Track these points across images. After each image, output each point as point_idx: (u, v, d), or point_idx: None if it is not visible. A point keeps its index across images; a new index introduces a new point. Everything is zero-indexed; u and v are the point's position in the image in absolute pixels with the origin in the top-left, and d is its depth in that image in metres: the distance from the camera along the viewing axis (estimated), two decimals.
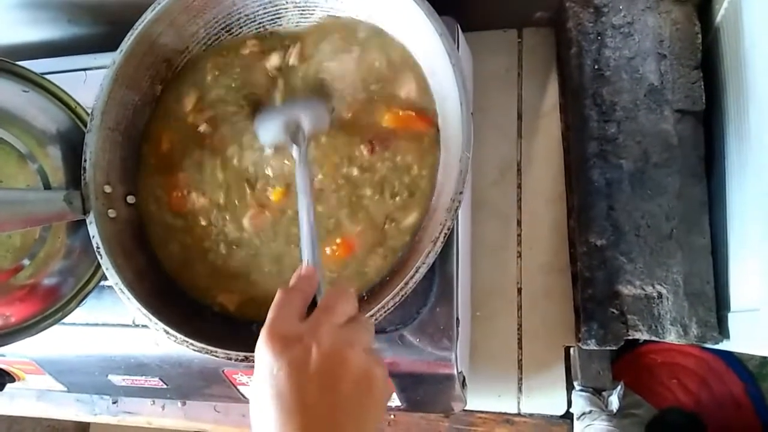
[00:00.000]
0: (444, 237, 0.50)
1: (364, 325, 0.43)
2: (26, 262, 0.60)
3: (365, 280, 0.57)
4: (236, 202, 0.61)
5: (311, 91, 0.61)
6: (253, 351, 0.53)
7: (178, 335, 0.54)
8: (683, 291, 0.60)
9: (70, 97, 0.65)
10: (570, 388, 0.70)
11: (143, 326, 0.65)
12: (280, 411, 0.38)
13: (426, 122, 0.59)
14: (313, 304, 0.45)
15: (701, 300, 0.60)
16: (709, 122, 0.63)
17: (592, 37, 0.67)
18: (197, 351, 0.54)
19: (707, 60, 0.63)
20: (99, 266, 0.60)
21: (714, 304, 0.60)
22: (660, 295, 0.61)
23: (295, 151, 0.56)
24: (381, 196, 0.58)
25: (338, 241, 0.58)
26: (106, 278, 0.58)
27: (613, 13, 0.67)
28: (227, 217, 0.61)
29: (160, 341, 0.65)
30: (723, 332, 0.59)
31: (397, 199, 0.58)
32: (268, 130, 0.60)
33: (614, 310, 0.62)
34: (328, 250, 0.58)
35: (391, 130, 0.59)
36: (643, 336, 0.61)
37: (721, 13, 0.62)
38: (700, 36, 0.63)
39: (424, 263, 0.50)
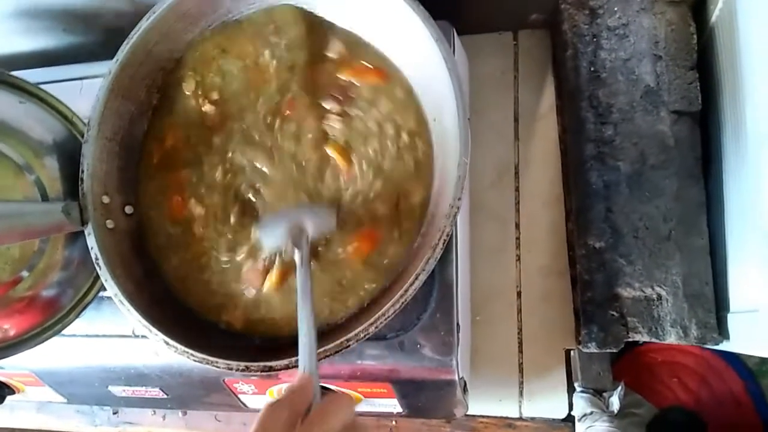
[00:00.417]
0: (443, 243, 0.50)
1: None
2: (25, 273, 0.60)
3: (391, 273, 0.57)
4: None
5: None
6: (253, 360, 0.53)
7: (179, 346, 0.54)
8: (682, 292, 0.60)
9: (67, 107, 0.65)
10: (571, 391, 0.70)
11: (143, 337, 0.64)
12: None
13: (383, 75, 0.60)
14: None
15: (700, 301, 0.60)
16: (705, 123, 0.63)
17: (587, 39, 0.67)
18: (198, 361, 0.53)
19: (703, 60, 0.63)
20: (98, 277, 0.60)
21: (713, 305, 0.60)
22: (659, 297, 0.61)
23: (297, 255, 0.54)
24: (388, 153, 0.59)
25: (364, 231, 0.58)
26: (105, 289, 0.58)
27: (608, 15, 0.67)
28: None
29: (160, 351, 0.65)
30: (723, 333, 0.59)
31: (405, 158, 0.58)
32: (271, 235, 0.57)
33: (614, 313, 0.62)
34: (350, 249, 0.58)
35: (348, 82, 0.60)
36: (643, 338, 0.61)
37: (716, 14, 0.62)
38: (695, 37, 0.64)
39: (423, 270, 0.50)
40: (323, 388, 0.63)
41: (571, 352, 0.70)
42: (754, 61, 0.53)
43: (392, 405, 0.64)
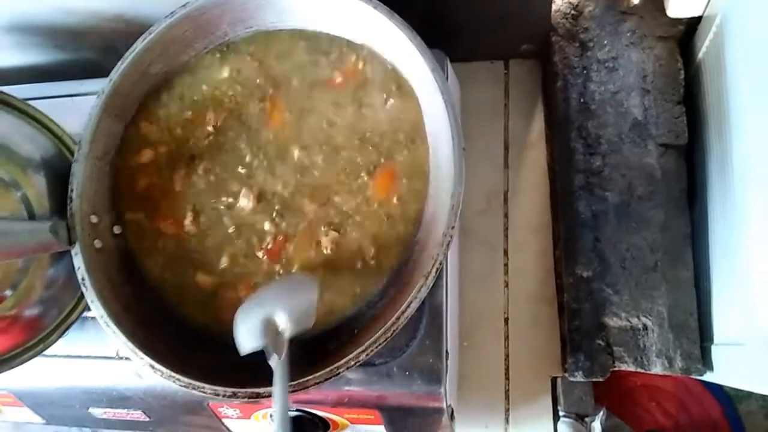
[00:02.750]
0: (436, 272, 0.50)
1: None
2: (8, 293, 0.59)
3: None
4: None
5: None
6: (242, 383, 0.52)
7: (165, 370, 0.53)
8: (668, 323, 0.61)
9: (56, 124, 0.64)
10: (556, 418, 0.70)
11: (126, 358, 0.63)
12: None
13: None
14: None
15: (685, 332, 0.61)
16: (691, 156, 0.65)
17: (577, 71, 0.68)
18: (184, 386, 0.53)
19: (689, 95, 0.65)
20: (82, 297, 0.59)
21: (698, 336, 0.60)
22: (645, 327, 0.62)
23: (273, 362, 0.49)
24: None
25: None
26: (89, 309, 0.57)
27: (597, 48, 0.68)
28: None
29: (144, 374, 0.64)
30: (707, 364, 0.60)
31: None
32: (247, 334, 0.50)
33: (601, 342, 0.62)
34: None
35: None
36: (629, 367, 0.62)
37: (702, 50, 0.63)
38: (682, 72, 0.65)
39: (416, 298, 0.50)
40: (309, 413, 0.63)
41: (557, 380, 0.70)
42: (741, 97, 0.55)
43: (378, 431, 0.64)
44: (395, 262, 0.57)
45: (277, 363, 0.49)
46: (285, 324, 0.50)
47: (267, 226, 0.60)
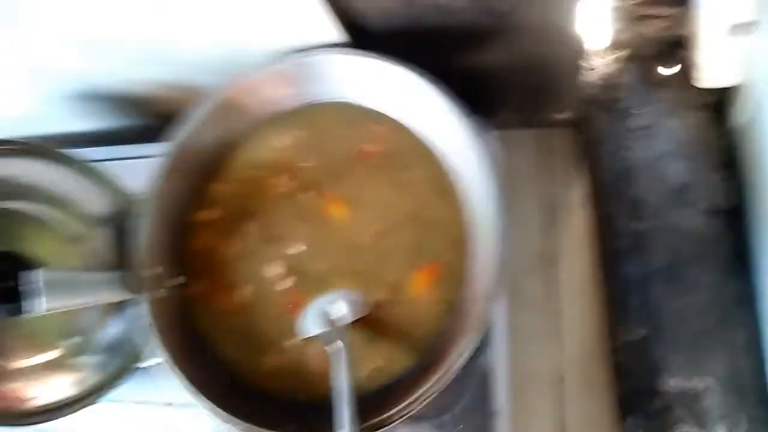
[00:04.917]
0: (479, 334, 0.52)
1: None
2: (71, 340, 0.61)
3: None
4: None
5: None
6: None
7: (224, 414, 0.55)
8: (729, 385, 0.59)
9: (119, 183, 0.68)
10: None
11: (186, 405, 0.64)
12: None
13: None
14: None
15: (748, 394, 0.59)
16: (738, 220, 0.65)
17: (615, 139, 0.70)
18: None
19: (730, 159, 0.66)
20: (140, 347, 0.62)
21: (761, 398, 0.59)
22: (706, 389, 0.60)
23: (332, 348, 0.55)
24: None
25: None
26: (148, 359, 0.58)
27: (634, 117, 0.70)
28: None
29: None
30: None
31: None
32: (309, 324, 0.59)
33: (659, 404, 0.61)
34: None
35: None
36: (690, 431, 0.60)
37: (740, 115, 0.65)
38: (721, 137, 0.67)
39: (461, 356, 0.52)
40: None
41: None
42: None
43: None
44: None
45: (336, 348, 0.54)
46: (342, 312, 0.57)
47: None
